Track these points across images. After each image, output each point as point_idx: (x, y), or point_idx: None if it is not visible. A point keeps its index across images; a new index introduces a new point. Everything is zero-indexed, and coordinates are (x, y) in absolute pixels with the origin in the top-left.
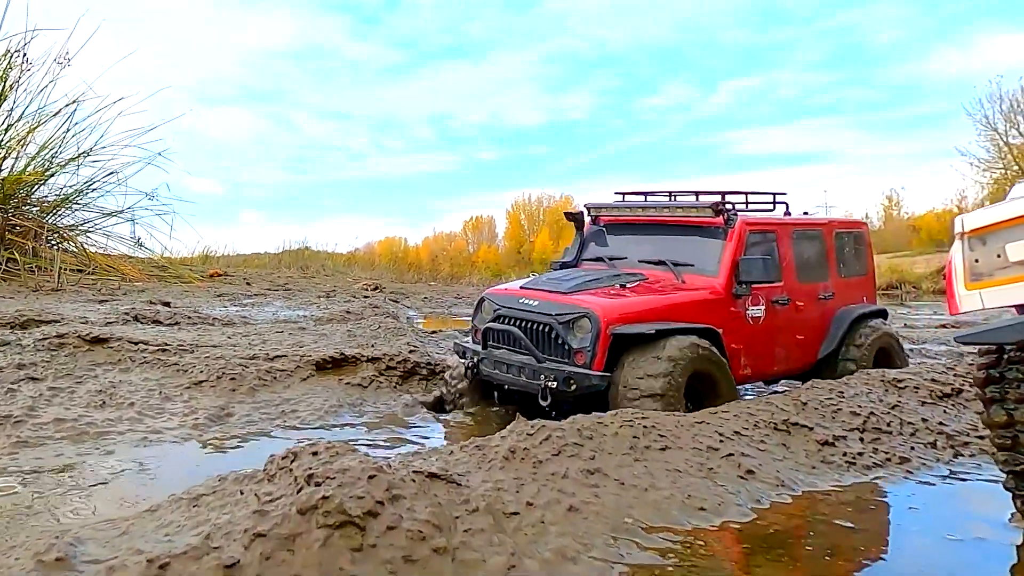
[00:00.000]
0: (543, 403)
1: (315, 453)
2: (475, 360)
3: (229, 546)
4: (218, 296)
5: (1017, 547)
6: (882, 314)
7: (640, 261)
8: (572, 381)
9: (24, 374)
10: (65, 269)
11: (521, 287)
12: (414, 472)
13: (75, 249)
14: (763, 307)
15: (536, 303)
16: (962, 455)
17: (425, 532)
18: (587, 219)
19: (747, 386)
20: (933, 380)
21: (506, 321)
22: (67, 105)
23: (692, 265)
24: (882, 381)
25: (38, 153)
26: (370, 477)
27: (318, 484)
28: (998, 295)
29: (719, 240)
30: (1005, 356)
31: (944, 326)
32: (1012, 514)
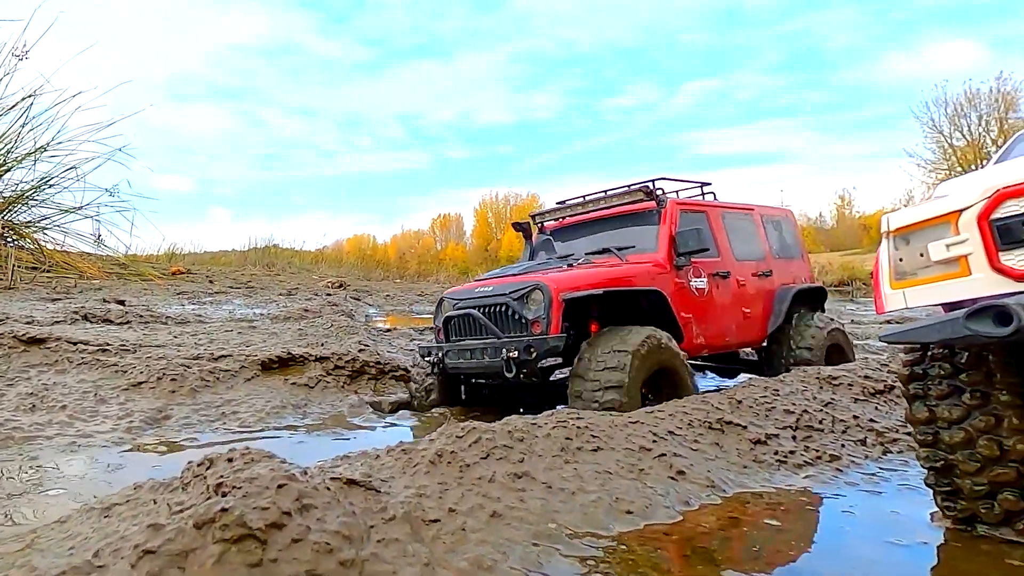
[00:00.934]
0: (508, 375)
1: (230, 460)
2: (439, 355)
3: (116, 564)
4: (178, 294)
5: (937, 547)
6: (821, 293)
7: (587, 254)
8: (532, 348)
9: None
10: (19, 266)
11: (475, 280)
12: (331, 479)
13: (31, 246)
14: (705, 279)
15: (491, 288)
16: (891, 452)
17: (333, 544)
18: (535, 229)
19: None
20: (866, 377)
21: (465, 309)
22: (24, 99)
23: (633, 247)
24: (817, 378)
25: None
26: (279, 486)
27: (224, 494)
28: (921, 294)
29: (655, 223)
30: (928, 354)
31: (889, 322)
32: (932, 513)
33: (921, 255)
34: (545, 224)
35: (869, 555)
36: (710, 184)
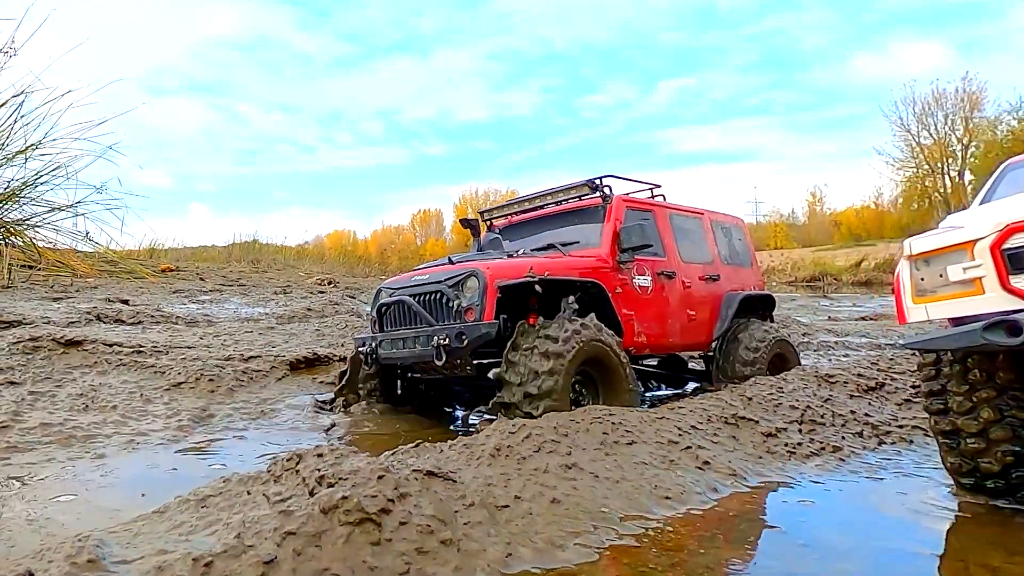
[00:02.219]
0: (438, 363)
1: (320, 455)
2: (373, 345)
3: (262, 544)
4: (174, 292)
5: (951, 518)
6: (769, 300)
7: (532, 250)
8: (463, 335)
9: (3, 378)
10: (14, 265)
11: (412, 270)
12: (413, 471)
13: (23, 244)
14: (650, 278)
15: (427, 277)
16: (885, 443)
17: (432, 526)
18: (484, 226)
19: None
20: (859, 375)
21: (398, 297)
22: (14, 96)
23: (577, 243)
24: (816, 377)
25: None
26: (379, 477)
27: (331, 485)
28: (940, 308)
29: (601, 221)
30: (943, 358)
31: (864, 318)
32: (932, 494)
33: (940, 276)
34: (495, 222)
35: (888, 526)
36: (660, 186)
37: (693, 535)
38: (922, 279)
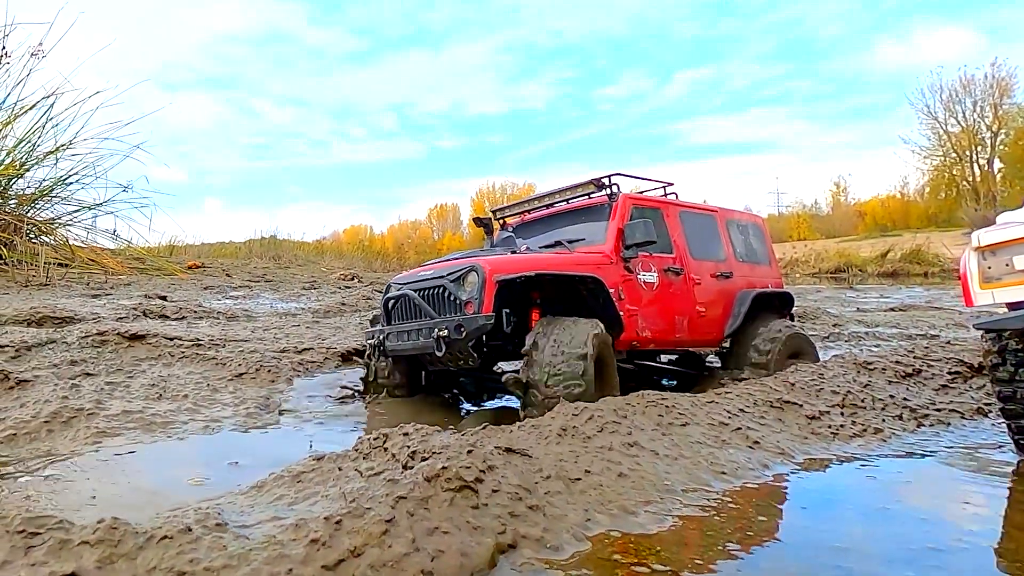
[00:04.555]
0: (438, 354)
1: (406, 434)
2: (381, 338)
3: (376, 507)
4: (205, 288)
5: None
6: (786, 298)
7: (541, 247)
8: (462, 327)
9: (80, 370)
10: (50, 263)
11: (420, 266)
12: (495, 447)
13: (55, 243)
14: (656, 274)
15: (431, 272)
16: (923, 426)
17: (519, 494)
18: (497, 225)
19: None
20: (897, 363)
21: (403, 291)
22: (44, 97)
23: (583, 240)
24: (855, 364)
25: (15, 147)
26: (468, 451)
27: (424, 459)
28: (1006, 293)
29: (607, 219)
30: (1004, 338)
31: (893, 309)
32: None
33: (1007, 265)
34: (507, 220)
35: (930, 494)
36: (672, 184)
37: (751, 504)
38: (989, 268)
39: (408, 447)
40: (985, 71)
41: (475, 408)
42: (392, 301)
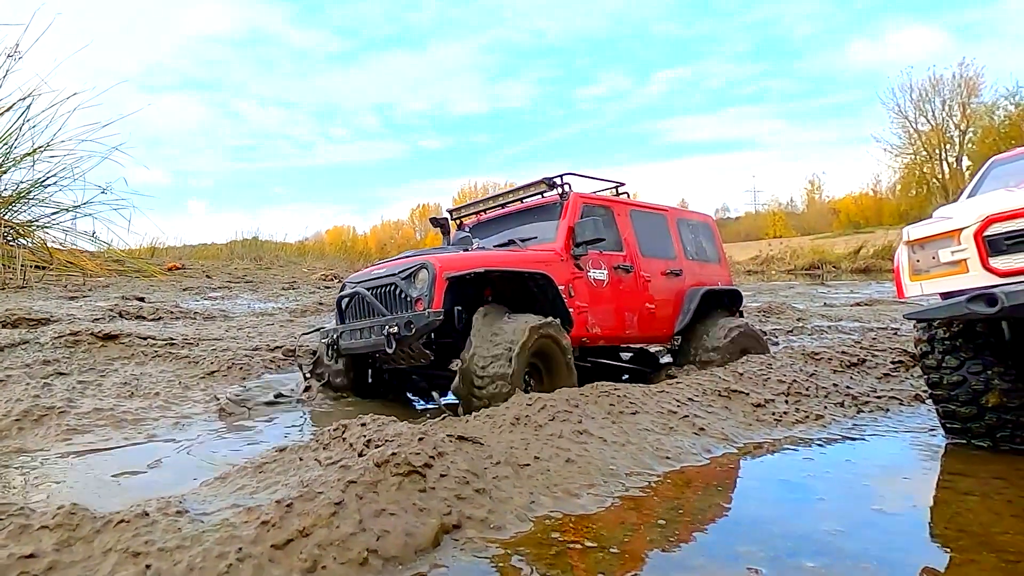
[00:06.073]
0: (389, 351)
1: (364, 424)
2: (334, 336)
3: (329, 491)
4: (184, 290)
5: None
6: (735, 295)
7: (494, 246)
8: (411, 324)
9: (52, 369)
10: (27, 266)
11: (372, 265)
12: (447, 435)
13: (33, 245)
14: (606, 271)
15: (384, 270)
16: (863, 412)
17: (467, 478)
18: (454, 225)
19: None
20: (843, 352)
21: (355, 289)
22: (21, 99)
23: (535, 238)
24: (802, 355)
25: None
26: (419, 439)
27: (378, 446)
28: (933, 285)
29: (558, 217)
30: (933, 327)
31: (859, 304)
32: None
33: (933, 258)
34: (464, 220)
35: (860, 472)
36: (624, 184)
37: (690, 486)
38: (918, 261)
39: (364, 436)
40: (953, 71)
41: (432, 405)
42: (346, 300)
